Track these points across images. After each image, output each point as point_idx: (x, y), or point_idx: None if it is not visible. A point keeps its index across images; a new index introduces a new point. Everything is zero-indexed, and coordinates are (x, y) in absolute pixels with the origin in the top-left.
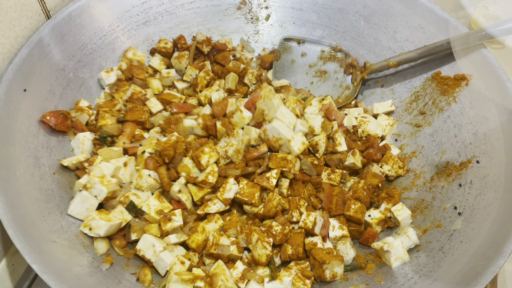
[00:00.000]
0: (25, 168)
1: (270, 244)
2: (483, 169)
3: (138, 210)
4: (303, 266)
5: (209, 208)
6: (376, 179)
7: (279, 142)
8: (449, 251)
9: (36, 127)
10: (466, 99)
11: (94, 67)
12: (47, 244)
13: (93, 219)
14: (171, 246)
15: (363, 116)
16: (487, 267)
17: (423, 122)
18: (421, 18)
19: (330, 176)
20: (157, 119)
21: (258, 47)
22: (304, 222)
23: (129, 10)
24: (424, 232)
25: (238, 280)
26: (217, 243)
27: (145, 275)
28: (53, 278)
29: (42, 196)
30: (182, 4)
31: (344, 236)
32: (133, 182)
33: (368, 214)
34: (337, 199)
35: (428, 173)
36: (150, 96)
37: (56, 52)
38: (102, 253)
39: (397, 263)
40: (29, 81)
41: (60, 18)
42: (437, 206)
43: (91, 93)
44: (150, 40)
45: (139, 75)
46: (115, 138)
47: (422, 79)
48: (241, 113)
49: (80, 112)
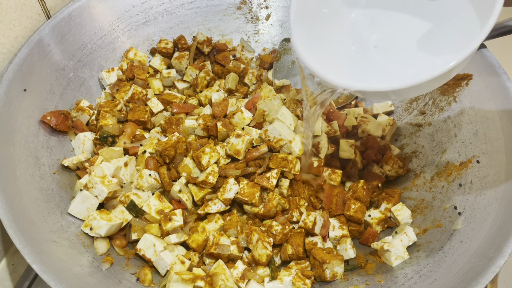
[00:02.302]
0: (25, 168)
1: (270, 244)
2: (483, 169)
3: (138, 210)
4: (303, 266)
5: (210, 208)
6: (376, 179)
7: (279, 143)
8: (449, 251)
9: (36, 127)
10: (466, 99)
11: (94, 67)
12: (47, 244)
13: (94, 219)
14: (172, 246)
15: (363, 116)
16: (487, 267)
17: (423, 122)
18: None
19: (331, 176)
20: (158, 119)
21: (258, 47)
22: (304, 222)
23: (129, 10)
24: (424, 232)
25: (238, 280)
26: (217, 243)
27: (145, 275)
28: (53, 278)
29: (42, 196)
30: (182, 4)
31: (344, 236)
32: (134, 182)
33: (368, 214)
34: (337, 199)
35: (428, 173)
36: (151, 96)
37: (56, 52)
38: (102, 253)
39: (397, 262)
40: (29, 81)
41: (60, 18)
42: (437, 206)
43: (91, 93)
44: (150, 40)
45: (141, 75)
46: (116, 138)
47: None
48: (241, 114)
49: (80, 112)
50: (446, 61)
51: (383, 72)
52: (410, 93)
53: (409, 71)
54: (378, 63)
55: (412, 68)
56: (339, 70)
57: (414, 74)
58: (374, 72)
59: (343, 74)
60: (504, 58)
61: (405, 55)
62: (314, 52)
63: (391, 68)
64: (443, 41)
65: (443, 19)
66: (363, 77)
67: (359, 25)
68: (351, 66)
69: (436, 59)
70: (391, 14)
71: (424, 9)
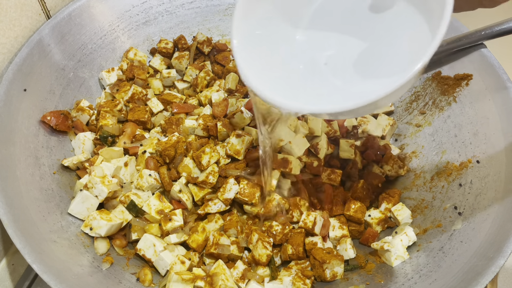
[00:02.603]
0: (25, 168)
1: (270, 244)
2: (483, 169)
3: (138, 210)
4: (303, 266)
5: (210, 208)
6: (376, 179)
7: (280, 143)
8: (449, 251)
9: (36, 127)
10: (466, 99)
11: (94, 67)
12: (47, 244)
13: (94, 219)
14: (172, 246)
15: (363, 116)
16: (487, 267)
17: (423, 122)
18: None
19: (330, 176)
20: (158, 119)
21: None
22: (304, 222)
23: (129, 10)
24: (424, 232)
25: (239, 280)
26: (217, 243)
27: (145, 275)
28: (53, 278)
29: (42, 196)
30: (182, 4)
31: (344, 236)
32: (134, 182)
33: (368, 214)
34: (337, 199)
35: (428, 173)
36: (151, 96)
37: (56, 52)
38: (102, 253)
39: (397, 262)
40: (29, 81)
41: (60, 18)
42: (437, 206)
43: (91, 93)
44: (150, 40)
45: (141, 75)
46: (116, 138)
47: (422, 78)
48: (241, 114)
49: (80, 112)
50: (386, 85)
51: (320, 95)
52: (347, 115)
53: (345, 96)
54: (318, 84)
55: (347, 93)
56: (281, 91)
57: (346, 99)
58: (308, 94)
59: (285, 94)
60: (504, 58)
61: (346, 78)
62: (256, 71)
63: (326, 91)
64: (385, 63)
65: (387, 39)
66: (299, 98)
67: (301, 46)
68: (293, 87)
69: (375, 82)
70: (335, 35)
71: (369, 29)
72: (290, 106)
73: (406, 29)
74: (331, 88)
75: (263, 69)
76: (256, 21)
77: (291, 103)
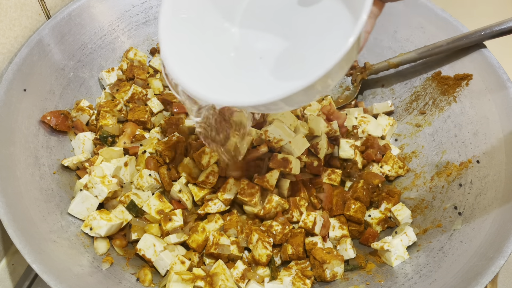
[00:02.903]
0: (25, 168)
1: (270, 244)
2: (483, 169)
3: (138, 210)
4: (303, 266)
5: (210, 208)
6: (376, 179)
7: (280, 143)
8: (449, 251)
9: (36, 127)
10: (466, 99)
11: (94, 67)
12: (47, 244)
13: (94, 219)
14: (172, 246)
15: (363, 116)
16: (487, 267)
17: (423, 122)
18: (421, 17)
19: (330, 176)
20: (158, 119)
21: None
22: (304, 222)
23: (129, 9)
24: (424, 232)
25: (239, 280)
26: (217, 243)
27: (145, 275)
28: (53, 278)
29: (42, 196)
30: None
31: (344, 236)
32: (134, 182)
33: (368, 214)
34: (337, 199)
35: (428, 173)
36: (151, 96)
37: (56, 52)
38: (102, 253)
39: (397, 262)
40: (29, 81)
41: (60, 18)
42: (437, 206)
43: (91, 93)
44: (150, 40)
45: (141, 75)
46: (116, 138)
47: (422, 79)
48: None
49: (80, 112)
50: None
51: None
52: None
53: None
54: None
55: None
56: (204, 81)
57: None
58: (234, 87)
59: (208, 86)
60: (504, 58)
61: (277, 72)
62: (180, 59)
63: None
64: (313, 56)
65: (315, 32)
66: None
67: (234, 39)
68: (219, 79)
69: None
70: (268, 30)
71: (299, 23)
72: (209, 98)
73: (333, 22)
74: (259, 80)
75: (189, 58)
76: (185, 9)
77: (211, 95)
